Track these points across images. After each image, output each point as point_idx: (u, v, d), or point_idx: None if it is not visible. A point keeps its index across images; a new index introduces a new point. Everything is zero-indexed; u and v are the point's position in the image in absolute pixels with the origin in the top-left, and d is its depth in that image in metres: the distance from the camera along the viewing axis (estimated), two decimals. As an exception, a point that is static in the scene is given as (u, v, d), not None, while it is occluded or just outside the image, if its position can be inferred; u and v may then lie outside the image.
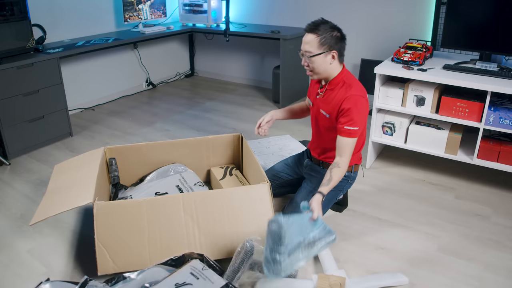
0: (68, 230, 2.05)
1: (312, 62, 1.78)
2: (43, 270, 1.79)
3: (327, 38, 1.74)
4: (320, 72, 1.81)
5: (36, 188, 2.43)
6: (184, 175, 2.16)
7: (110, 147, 2.17)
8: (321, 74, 1.83)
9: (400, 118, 2.45)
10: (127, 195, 2.04)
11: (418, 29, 3.25)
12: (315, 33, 1.75)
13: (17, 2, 2.73)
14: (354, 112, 1.74)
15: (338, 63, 1.83)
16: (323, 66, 1.79)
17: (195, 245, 1.68)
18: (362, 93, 1.79)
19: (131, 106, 3.84)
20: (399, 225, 2.06)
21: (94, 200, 1.65)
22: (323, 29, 1.75)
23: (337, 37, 1.77)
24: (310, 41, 1.75)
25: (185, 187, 2.08)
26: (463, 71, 2.31)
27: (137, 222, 1.66)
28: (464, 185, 2.42)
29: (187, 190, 2.06)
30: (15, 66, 2.68)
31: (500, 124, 2.16)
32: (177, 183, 2.10)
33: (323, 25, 1.76)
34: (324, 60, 1.78)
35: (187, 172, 2.20)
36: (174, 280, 1.40)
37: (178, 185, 2.09)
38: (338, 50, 1.79)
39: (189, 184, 2.10)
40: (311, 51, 1.76)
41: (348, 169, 1.94)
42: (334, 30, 1.77)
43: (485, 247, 1.90)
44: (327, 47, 1.76)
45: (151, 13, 3.93)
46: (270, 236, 1.48)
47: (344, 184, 1.98)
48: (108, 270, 1.62)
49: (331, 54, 1.78)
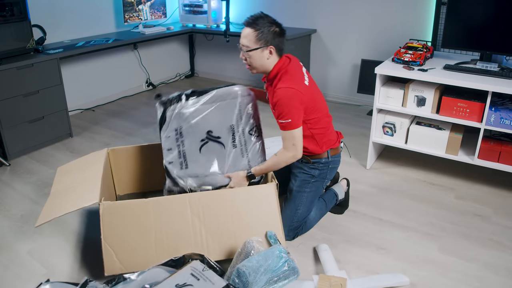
0: (68, 231, 2.05)
1: (249, 57, 1.78)
2: (43, 271, 1.78)
3: (264, 33, 1.73)
4: (256, 66, 1.81)
5: (36, 189, 2.43)
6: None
7: (113, 148, 2.16)
8: (258, 69, 1.82)
9: (401, 119, 2.44)
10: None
11: (419, 29, 3.25)
12: (253, 27, 1.74)
13: (17, 2, 2.73)
14: (281, 105, 1.72)
15: (276, 57, 1.80)
16: (260, 61, 1.78)
17: (202, 245, 1.68)
18: (290, 84, 1.73)
19: (131, 107, 3.84)
20: (400, 226, 2.05)
21: (100, 200, 1.64)
22: (261, 24, 1.74)
23: (275, 32, 1.76)
24: (247, 35, 1.75)
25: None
26: (463, 71, 2.31)
27: (143, 222, 1.66)
28: (464, 185, 2.42)
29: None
30: (15, 67, 2.68)
31: (501, 124, 2.15)
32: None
33: (262, 19, 1.75)
34: (260, 55, 1.76)
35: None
36: (174, 281, 1.40)
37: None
38: (276, 45, 1.77)
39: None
40: (248, 45, 1.75)
41: (324, 155, 1.93)
42: (273, 25, 1.76)
43: (485, 248, 1.89)
44: (263, 42, 1.74)
45: (151, 14, 3.93)
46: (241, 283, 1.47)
47: (326, 171, 1.96)
48: (115, 271, 1.62)
49: (268, 50, 1.76)
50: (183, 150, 1.85)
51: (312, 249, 1.89)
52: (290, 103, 1.72)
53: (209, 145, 1.87)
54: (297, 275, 1.54)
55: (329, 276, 1.59)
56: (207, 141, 1.87)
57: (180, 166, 1.85)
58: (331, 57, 3.79)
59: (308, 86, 1.80)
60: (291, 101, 1.72)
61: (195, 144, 1.86)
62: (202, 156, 1.86)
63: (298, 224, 1.91)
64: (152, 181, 2.28)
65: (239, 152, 1.90)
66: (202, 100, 1.87)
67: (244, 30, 1.77)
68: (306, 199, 1.92)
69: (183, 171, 1.85)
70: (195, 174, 1.85)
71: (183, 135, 1.85)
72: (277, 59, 1.81)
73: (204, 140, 1.87)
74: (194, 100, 1.87)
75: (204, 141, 1.87)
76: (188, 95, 1.88)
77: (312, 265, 1.79)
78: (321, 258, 1.76)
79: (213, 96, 1.88)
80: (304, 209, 1.92)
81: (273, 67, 1.81)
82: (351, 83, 3.74)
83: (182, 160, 1.85)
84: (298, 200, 1.92)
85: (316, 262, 1.80)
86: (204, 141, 1.86)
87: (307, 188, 1.93)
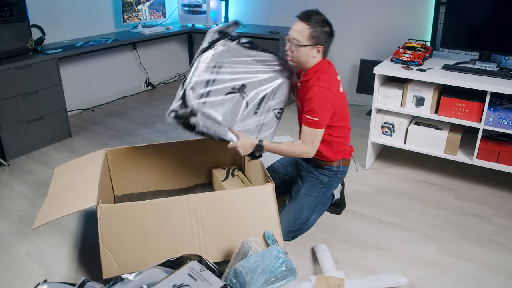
0: (67, 232, 2.04)
1: (297, 51, 1.76)
2: (41, 271, 1.78)
3: (318, 31, 1.73)
4: (300, 61, 1.80)
5: (35, 189, 2.43)
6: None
7: (111, 148, 2.16)
8: (300, 64, 1.82)
9: (400, 119, 2.44)
10: None
11: (418, 29, 3.24)
12: (307, 23, 1.72)
13: (16, 2, 2.72)
14: (314, 103, 1.72)
15: (320, 57, 1.81)
16: (306, 57, 1.78)
17: (200, 246, 1.67)
18: (328, 86, 1.75)
19: (130, 107, 3.84)
20: (399, 226, 2.05)
21: (98, 203, 1.64)
22: (316, 21, 1.73)
23: (327, 33, 1.76)
24: (301, 30, 1.73)
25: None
26: (462, 71, 2.30)
27: (141, 224, 1.65)
28: (463, 185, 2.41)
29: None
30: (14, 67, 2.67)
31: (499, 124, 2.15)
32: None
33: (317, 16, 1.74)
34: (309, 52, 1.76)
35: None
36: (172, 282, 1.40)
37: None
38: (325, 46, 1.78)
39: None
40: (300, 40, 1.74)
41: (336, 163, 1.94)
42: (326, 25, 1.76)
43: (485, 248, 1.89)
44: (316, 40, 1.74)
45: (150, 14, 3.92)
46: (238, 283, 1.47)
47: (334, 179, 1.97)
48: (113, 273, 1.61)
49: (317, 48, 1.76)
50: (212, 85, 1.75)
51: (310, 249, 1.88)
52: (323, 103, 1.73)
53: (236, 97, 1.79)
54: (295, 275, 1.54)
55: (327, 277, 1.59)
56: (237, 92, 1.80)
57: (199, 96, 1.72)
58: (330, 57, 3.74)
59: (341, 93, 1.84)
60: (325, 102, 1.73)
61: (224, 88, 1.77)
62: (223, 102, 1.76)
63: (300, 226, 1.91)
64: (150, 181, 2.28)
65: (255, 121, 1.86)
66: (256, 56, 1.83)
67: (297, 24, 1.75)
68: (312, 203, 1.92)
69: (197, 103, 1.72)
70: (207, 114, 1.74)
71: (219, 73, 1.76)
72: (320, 59, 1.81)
73: (235, 90, 1.79)
74: (249, 52, 1.82)
75: (234, 91, 1.79)
76: (246, 42, 1.84)
77: (310, 265, 1.78)
78: (319, 259, 1.76)
79: (266, 60, 1.85)
80: (308, 212, 1.92)
81: (314, 65, 1.81)
82: (350, 83, 3.74)
83: (204, 92, 1.73)
84: (305, 203, 1.91)
85: (314, 262, 1.80)
86: (234, 90, 1.79)
87: (315, 192, 1.93)
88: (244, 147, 1.79)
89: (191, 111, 1.71)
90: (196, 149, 2.29)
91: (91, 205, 1.62)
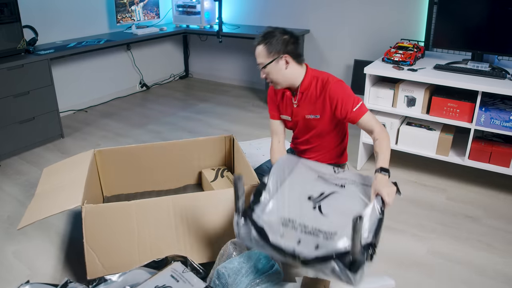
0: (54, 232, 2.03)
1: (268, 73, 1.69)
2: (27, 272, 1.77)
3: (273, 44, 1.65)
4: (280, 81, 1.71)
5: (24, 190, 2.41)
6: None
7: (100, 149, 2.15)
8: (282, 83, 1.72)
9: (391, 119, 2.42)
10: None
11: (412, 29, 3.23)
12: (262, 43, 1.66)
13: (8, 3, 2.72)
14: (347, 95, 1.69)
15: (296, 65, 1.71)
16: (279, 74, 1.68)
17: (185, 247, 1.66)
18: (338, 79, 1.74)
19: (124, 108, 3.83)
20: (388, 227, 2.03)
21: (83, 203, 1.62)
22: (269, 37, 1.66)
23: (284, 40, 1.65)
24: (259, 52, 1.67)
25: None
26: (454, 71, 2.29)
27: (126, 225, 1.64)
28: (455, 186, 2.40)
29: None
30: (5, 68, 2.67)
31: (491, 124, 2.13)
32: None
33: (269, 33, 1.67)
34: (277, 67, 1.66)
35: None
36: (154, 283, 1.38)
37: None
38: (291, 52, 1.67)
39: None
40: (262, 62, 1.67)
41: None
42: (281, 34, 1.68)
43: (475, 249, 1.87)
44: (275, 53, 1.65)
45: (144, 15, 3.92)
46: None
47: None
48: (97, 274, 1.60)
49: (283, 59, 1.66)
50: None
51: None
52: (350, 90, 1.71)
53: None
54: (280, 277, 1.52)
55: (312, 278, 1.57)
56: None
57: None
58: (324, 57, 3.78)
59: None
60: (349, 89, 1.72)
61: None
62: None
63: None
64: (139, 182, 2.27)
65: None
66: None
67: (256, 50, 1.69)
68: None
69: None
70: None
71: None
72: (299, 67, 1.72)
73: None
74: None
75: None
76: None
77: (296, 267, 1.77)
78: (306, 260, 1.74)
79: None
80: None
81: (305, 77, 1.73)
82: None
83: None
84: None
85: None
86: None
87: None
88: (392, 192, 1.51)
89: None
90: (186, 150, 2.28)
91: (76, 205, 1.61)
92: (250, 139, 3.02)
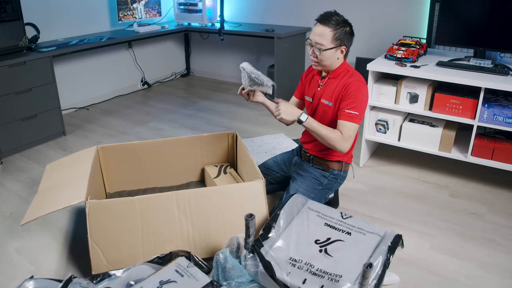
0: (57, 228, 2.03)
1: (322, 55, 1.75)
2: (31, 268, 1.76)
3: (340, 33, 1.72)
4: (326, 65, 1.79)
5: (27, 187, 2.41)
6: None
7: (103, 146, 2.15)
8: (326, 67, 1.81)
9: (394, 116, 2.42)
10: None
11: (414, 26, 3.23)
12: (328, 26, 1.71)
13: (10, 1, 2.72)
14: (356, 97, 1.72)
15: (343, 58, 1.82)
16: (331, 60, 1.77)
17: (189, 242, 1.66)
18: (364, 81, 1.80)
19: (125, 105, 3.83)
20: (392, 224, 2.03)
21: (87, 199, 1.62)
22: (336, 23, 1.72)
23: (348, 33, 1.76)
24: (323, 33, 1.72)
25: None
26: (456, 68, 2.29)
27: (130, 220, 1.64)
28: (458, 183, 2.39)
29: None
30: (7, 65, 2.66)
31: (494, 121, 2.13)
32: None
33: (337, 17, 1.73)
34: (333, 55, 1.76)
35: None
36: (159, 278, 1.38)
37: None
38: (348, 46, 1.79)
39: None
40: (324, 44, 1.73)
41: (337, 167, 1.93)
42: (346, 25, 1.76)
43: (478, 246, 1.87)
44: (339, 42, 1.74)
45: (145, 12, 3.92)
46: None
47: (333, 183, 1.96)
48: (102, 269, 1.60)
49: (340, 49, 1.76)
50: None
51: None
52: (364, 98, 1.75)
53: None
54: None
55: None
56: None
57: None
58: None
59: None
60: (365, 97, 1.76)
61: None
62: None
63: None
64: (142, 179, 2.27)
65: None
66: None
67: (318, 28, 1.73)
68: None
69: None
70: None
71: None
72: (343, 60, 1.82)
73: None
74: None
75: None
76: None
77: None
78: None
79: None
80: None
81: (340, 65, 1.81)
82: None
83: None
84: None
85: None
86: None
87: (313, 193, 1.91)
88: (287, 113, 1.70)
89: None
90: (189, 147, 2.28)
91: (80, 201, 1.61)
92: (252, 137, 3.02)
